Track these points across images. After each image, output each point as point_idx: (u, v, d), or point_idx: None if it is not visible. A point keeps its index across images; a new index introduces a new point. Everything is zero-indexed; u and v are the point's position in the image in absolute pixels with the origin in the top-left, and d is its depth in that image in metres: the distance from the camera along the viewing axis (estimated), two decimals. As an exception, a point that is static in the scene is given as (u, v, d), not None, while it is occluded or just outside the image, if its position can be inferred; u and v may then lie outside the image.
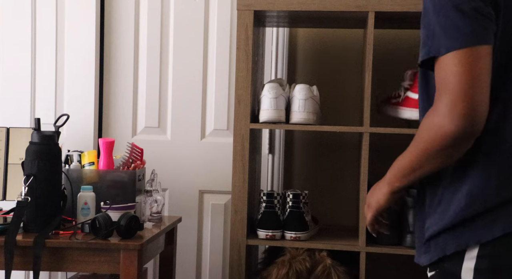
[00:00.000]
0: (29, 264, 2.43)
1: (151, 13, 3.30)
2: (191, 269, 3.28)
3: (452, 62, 1.42)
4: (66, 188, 2.64)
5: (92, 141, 3.26)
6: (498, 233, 1.47)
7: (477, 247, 1.49)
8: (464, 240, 1.50)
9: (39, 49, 3.30)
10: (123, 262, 2.42)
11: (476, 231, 1.48)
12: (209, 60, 3.28)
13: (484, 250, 1.48)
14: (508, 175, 1.51)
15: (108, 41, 3.32)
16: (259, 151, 3.07)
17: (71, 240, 2.45)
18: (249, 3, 2.67)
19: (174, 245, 3.00)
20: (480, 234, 1.48)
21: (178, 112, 3.29)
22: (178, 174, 3.28)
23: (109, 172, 2.77)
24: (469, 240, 1.49)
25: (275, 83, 2.73)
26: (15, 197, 2.68)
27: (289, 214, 2.71)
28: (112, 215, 2.49)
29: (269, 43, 3.20)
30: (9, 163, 2.86)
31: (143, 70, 3.32)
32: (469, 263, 1.49)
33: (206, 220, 3.28)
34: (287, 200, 2.74)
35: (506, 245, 1.47)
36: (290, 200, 2.72)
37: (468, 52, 1.41)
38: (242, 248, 2.69)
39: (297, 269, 2.59)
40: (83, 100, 3.28)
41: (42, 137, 2.54)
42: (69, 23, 3.29)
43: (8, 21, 3.30)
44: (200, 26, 3.27)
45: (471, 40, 1.43)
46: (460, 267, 1.50)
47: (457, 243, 1.51)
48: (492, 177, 1.51)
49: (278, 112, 2.66)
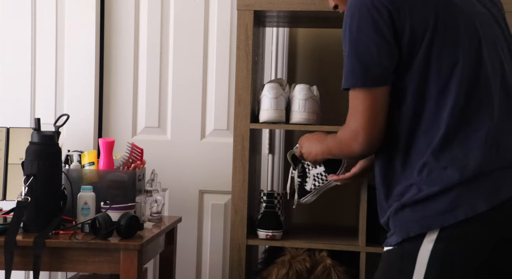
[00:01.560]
0: (29, 264, 2.43)
1: (151, 13, 3.30)
2: (191, 269, 3.28)
3: (356, 97, 1.74)
4: (66, 188, 2.64)
5: (92, 141, 3.26)
6: (460, 217, 1.59)
7: (438, 230, 1.61)
8: (428, 223, 1.62)
9: (39, 49, 3.30)
10: (123, 262, 2.42)
11: (439, 214, 1.61)
12: (209, 60, 3.28)
13: (444, 233, 1.60)
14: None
15: (108, 41, 3.32)
16: (259, 151, 3.07)
17: (71, 240, 2.45)
18: (249, 3, 2.67)
19: (174, 245, 3.00)
20: (443, 218, 1.60)
21: (178, 112, 3.29)
22: (178, 174, 3.28)
23: (109, 172, 2.77)
24: (432, 223, 1.61)
25: (275, 83, 2.73)
26: (15, 197, 2.68)
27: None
28: (112, 215, 2.49)
29: (269, 43, 3.20)
30: (9, 163, 2.86)
31: (143, 70, 3.32)
32: (428, 245, 1.61)
33: (206, 220, 3.28)
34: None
35: (464, 228, 1.60)
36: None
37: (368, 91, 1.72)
38: (242, 248, 2.69)
39: (297, 269, 2.59)
40: (83, 100, 3.28)
41: (42, 137, 2.54)
42: (69, 23, 3.29)
43: (8, 21, 3.30)
44: (200, 26, 3.27)
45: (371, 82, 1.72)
46: (419, 247, 1.62)
47: (421, 226, 1.63)
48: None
49: (278, 112, 2.66)
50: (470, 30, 1.73)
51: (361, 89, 1.73)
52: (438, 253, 1.60)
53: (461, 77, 1.69)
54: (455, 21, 1.72)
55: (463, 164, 1.65)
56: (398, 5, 1.69)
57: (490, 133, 1.67)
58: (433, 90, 1.70)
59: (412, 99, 1.72)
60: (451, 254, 1.60)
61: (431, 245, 1.60)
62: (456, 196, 1.62)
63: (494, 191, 1.61)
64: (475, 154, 1.65)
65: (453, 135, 1.68)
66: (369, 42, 1.70)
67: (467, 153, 1.66)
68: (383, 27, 1.69)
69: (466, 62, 1.70)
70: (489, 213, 1.59)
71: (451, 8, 1.73)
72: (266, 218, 2.71)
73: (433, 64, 1.70)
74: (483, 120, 1.68)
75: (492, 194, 1.61)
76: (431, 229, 1.62)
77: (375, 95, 1.72)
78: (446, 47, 1.70)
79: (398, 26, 1.69)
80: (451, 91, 1.69)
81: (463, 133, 1.68)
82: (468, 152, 1.66)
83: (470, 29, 1.73)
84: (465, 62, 1.70)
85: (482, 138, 1.67)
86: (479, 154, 1.65)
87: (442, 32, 1.70)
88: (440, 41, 1.70)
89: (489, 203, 1.60)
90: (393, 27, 1.69)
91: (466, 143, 1.67)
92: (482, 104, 1.70)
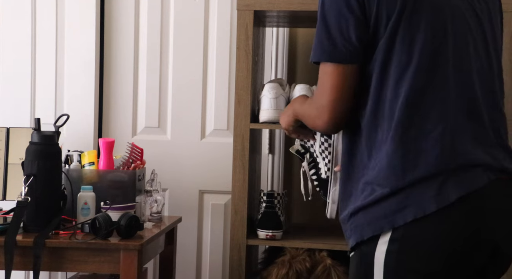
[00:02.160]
0: (29, 264, 2.43)
1: (151, 13, 3.30)
2: (191, 269, 3.28)
3: (324, 72, 1.73)
4: (66, 188, 2.64)
5: (92, 141, 3.26)
6: (409, 218, 1.60)
7: (390, 231, 1.62)
8: (379, 225, 1.63)
9: (39, 49, 3.30)
10: (123, 262, 2.42)
11: (390, 216, 1.61)
12: (209, 60, 3.28)
13: (396, 234, 1.61)
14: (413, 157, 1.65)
15: (108, 41, 3.32)
16: (259, 151, 3.07)
17: (71, 240, 2.45)
18: (249, 3, 2.67)
19: (174, 245, 3.00)
20: (393, 219, 1.61)
21: (178, 112, 3.29)
22: (178, 174, 3.28)
23: (109, 172, 2.77)
24: (383, 225, 1.62)
25: (275, 83, 2.73)
26: (15, 197, 2.68)
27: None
28: (112, 215, 2.49)
29: (269, 43, 3.20)
30: (9, 163, 2.86)
31: (143, 70, 3.32)
32: (382, 246, 1.62)
33: (206, 220, 3.28)
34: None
35: (415, 229, 1.60)
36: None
37: (335, 67, 1.71)
38: (242, 248, 2.69)
39: (297, 269, 2.59)
40: (83, 100, 3.28)
41: (42, 137, 2.54)
42: (69, 23, 3.29)
43: (8, 21, 3.30)
44: (200, 26, 3.27)
45: (339, 57, 1.71)
46: (375, 249, 1.63)
47: (373, 228, 1.64)
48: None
49: (278, 112, 2.66)
50: (437, 19, 1.71)
51: (330, 65, 1.72)
52: (392, 254, 1.61)
53: (417, 69, 1.67)
54: (422, 9, 1.70)
55: (414, 163, 1.64)
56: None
57: (443, 133, 1.65)
58: (391, 80, 1.69)
59: (374, 88, 1.71)
60: (404, 255, 1.61)
61: (385, 246, 1.62)
62: (405, 197, 1.62)
63: (444, 192, 1.61)
64: (426, 154, 1.64)
65: (405, 132, 1.66)
66: (339, 17, 1.70)
67: (418, 152, 1.65)
68: (354, 4, 1.69)
69: (425, 53, 1.68)
70: (438, 212, 1.59)
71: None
72: (266, 218, 2.71)
73: (395, 50, 1.69)
74: (435, 119, 1.66)
75: (441, 195, 1.60)
76: (383, 231, 1.62)
77: (343, 72, 1.71)
78: (409, 34, 1.68)
79: (367, 6, 1.69)
80: (405, 82, 1.68)
81: (414, 131, 1.66)
82: (420, 151, 1.64)
83: (437, 19, 1.71)
84: (423, 52, 1.68)
85: (435, 138, 1.65)
86: (430, 154, 1.64)
87: (408, 17, 1.68)
88: (405, 27, 1.68)
89: (437, 204, 1.59)
90: (363, 5, 1.69)
91: (418, 141, 1.65)
92: (436, 102, 1.67)
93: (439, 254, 1.61)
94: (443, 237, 1.60)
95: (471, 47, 1.76)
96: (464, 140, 1.68)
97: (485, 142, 1.72)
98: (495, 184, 1.67)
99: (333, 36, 1.71)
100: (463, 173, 1.64)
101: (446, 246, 1.61)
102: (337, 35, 1.71)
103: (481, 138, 1.71)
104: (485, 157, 1.68)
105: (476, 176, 1.64)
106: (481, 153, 1.68)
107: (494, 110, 1.78)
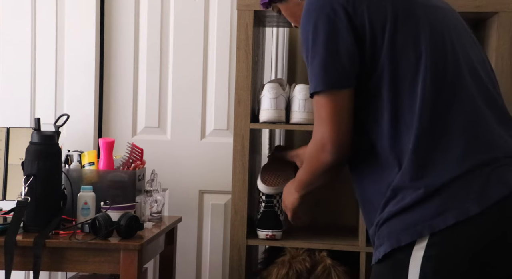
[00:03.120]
0: (29, 264, 2.43)
1: (151, 13, 3.30)
2: (191, 269, 3.28)
3: (319, 103, 1.71)
4: (66, 188, 2.64)
5: (92, 141, 3.26)
6: (451, 221, 1.53)
7: (428, 236, 1.55)
8: (417, 229, 1.56)
9: (39, 49, 3.30)
10: (123, 262, 2.42)
11: (429, 220, 1.55)
12: (209, 60, 3.28)
13: (434, 239, 1.55)
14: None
15: (108, 41, 3.32)
16: (259, 151, 3.07)
17: (71, 240, 2.45)
18: (249, 3, 2.67)
19: (174, 245, 3.00)
20: (432, 223, 1.55)
21: (178, 112, 3.29)
22: (178, 174, 3.28)
23: (109, 172, 2.77)
24: (422, 229, 1.56)
25: (275, 83, 2.73)
26: (15, 197, 2.68)
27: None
28: (112, 215, 2.49)
29: (269, 43, 3.20)
30: (9, 163, 2.86)
31: (143, 70, 3.32)
32: (419, 252, 1.55)
33: (206, 220, 3.28)
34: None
35: (455, 233, 1.54)
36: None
37: (329, 95, 1.69)
38: (242, 248, 2.69)
39: (297, 269, 2.59)
40: (83, 100, 3.28)
41: (42, 137, 2.54)
42: (69, 23, 3.29)
43: (8, 21, 3.30)
44: (200, 26, 3.27)
45: (332, 83, 1.68)
46: (410, 255, 1.57)
47: (411, 233, 1.57)
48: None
49: (278, 112, 2.66)
50: (433, 20, 1.71)
51: (324, 94, 1.69)
52: (429, 259, 1.54)
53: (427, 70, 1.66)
54: (414, 11, 1.70)
55: (444, 162, 1.60)
56: (354, 3, 1.68)
57: (468, 126, 1.63)
58: (404, 87, 1.66)
59: (387, 98, 1.67)
60: (442, 260, 1.54)
61: (422, 252, 1.55)
62: (444, 199, 1.57)
63: (485, 191, 1.55)
64: (456, 151, 1.60)
65: (427, 132, 1.63)
66: (327, 43, 1.68)
67: (446, 150, 1.61)
68: (341, 27, 1.67)
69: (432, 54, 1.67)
70: (480, 215, 1.53)
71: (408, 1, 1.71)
72: (266, 218, 2.71)
73: (400, 57, 1.67)
74: (456, 115, 1.64)
75: (483, 195, 1.55)
76: (421, 236, 1.56)
77: (338, 99, 1.69)
78: (410, 38, 1.67)
79: (357, 24, 1.67)
80: (418, 86, 1.65)
81: (438, 128, 1.63)
82: (448, 148, 1.61)
83: (433, 20, 1.71)
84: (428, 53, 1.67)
85: (459, 132, 1.61)
86: (460, 150, 1.60)
87: (403, 22, 1.67)
88: (402, 31, 1.67)
89: (480, 205, 1.54)
90: (351, 25, 1.67)
91: (443, 138, 1.62)
92: (455, 97, 1.65)
93: (480, 256, 1.54)
94: (484, 239, 1.54)
95: (466, 40, 1.77)
96: (490, 129, 1.65)
97: (508, 128, 1.70)
98: None
99: (325, 63, 1.68)
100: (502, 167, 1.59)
101: (486, 248, 1.55)
102: (329, 62, 1.68)
103: (503, 125, 1.70)
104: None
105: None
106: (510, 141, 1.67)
107: (500, 97, 1.78)
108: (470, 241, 1.54)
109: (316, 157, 1.76)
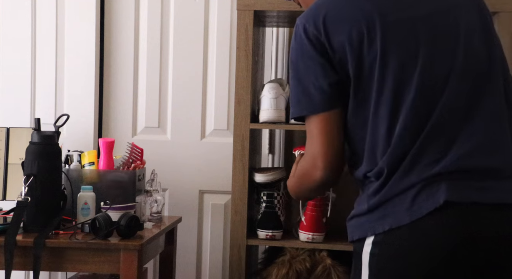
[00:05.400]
0: (29, 264, 2.43)
1: (151, 13, 3.30)
2: (191, 269, 3.28)
3: (308, 123, 1.76)
4: (66, 188, 2.64)
5: (92, 141, 3.26)
6: (386, 226, 1.69)
7: (373, 236, 1.71)
8: (364, 229, 1.73)
9: (39, 48, 3.30)
10: (123, 262, 2.43)
11: (372, 223, 1.71)
12: (209, 60, 3.28)
13: (377, 239, 1.71)
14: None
15: (108, 41, 3.32)
16: (259, 151, 3.07)
17: (71, 240, 2.45)
18: (249, 3, 2.67)
19: (174, 245, 3.00)
20: (375, 226, 1.71)
21: (178, 112, 3.29)
22: (178, 174, 3.28)
23: (109, 172, 2.77)
24: (367, 230, 1.72)
25: (275, 83, 2.73)
26: (15, 197, 2.68)
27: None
28: (112, 215, 2.49)
29: (269, 43, 3.20)
30: (9, 163, 2.86)
31: (143, 70, 3.32)
32: (367, 248, 1.71)
33: (206, 220, 3.28)
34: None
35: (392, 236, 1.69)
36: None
37: (318, 118, 1.74)
38: (242, 248, 2.69)
39: (297, 269, 2.59)
40: (83, 100, 3.28)
41: (42, 137, 2.54)
42: (69, 23, 3.29)
43: (8, 21, 3.30)
44: (200, 26, 3.27)
45: (317, 108, 1.73)
46: (362, 249, 1.72)
47: (360, 231, 1.74)
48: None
49: (278, 112, 2.66)
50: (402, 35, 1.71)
51: (312, 117, 1.74)
52: (374, 255, 1.69)
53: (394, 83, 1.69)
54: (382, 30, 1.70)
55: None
56: (322, 29, 1.72)
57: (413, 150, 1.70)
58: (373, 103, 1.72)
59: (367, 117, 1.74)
60: (383, 258, 1.68)
61: (369, 248, 1.70)
62: (385, 209, 1.70)
63: (416, 205, 1.67)
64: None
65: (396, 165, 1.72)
66: (306, 69, 1.73)
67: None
68: (314, 53, 1.72)
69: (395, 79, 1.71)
70: (411, 224, 1.66)
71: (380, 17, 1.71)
72: (266, 218, 2.71)
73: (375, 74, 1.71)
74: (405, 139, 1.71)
75: (414, 208, 1.67)
76: (367, 235, 1.70)
77: (326, 119, 1.74)
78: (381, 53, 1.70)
79: (327, 47, 1.72)
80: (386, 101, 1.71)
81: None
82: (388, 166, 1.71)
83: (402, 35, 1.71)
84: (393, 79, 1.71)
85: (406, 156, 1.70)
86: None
87: (369, 41, 1.70)
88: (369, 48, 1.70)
89: (410, 217, 1.66)
90: (322, 50, 1.72)
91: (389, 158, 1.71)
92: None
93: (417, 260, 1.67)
94: (416, 245, 1.67)
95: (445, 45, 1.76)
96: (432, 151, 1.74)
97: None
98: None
99: (307, 89, 1.73)
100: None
101: (418, 254, 1.67)
102: (310, 88, 1.73)
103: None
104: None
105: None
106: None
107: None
108: (402, 245, 1.67)
109: (308, 174, 1.79)
